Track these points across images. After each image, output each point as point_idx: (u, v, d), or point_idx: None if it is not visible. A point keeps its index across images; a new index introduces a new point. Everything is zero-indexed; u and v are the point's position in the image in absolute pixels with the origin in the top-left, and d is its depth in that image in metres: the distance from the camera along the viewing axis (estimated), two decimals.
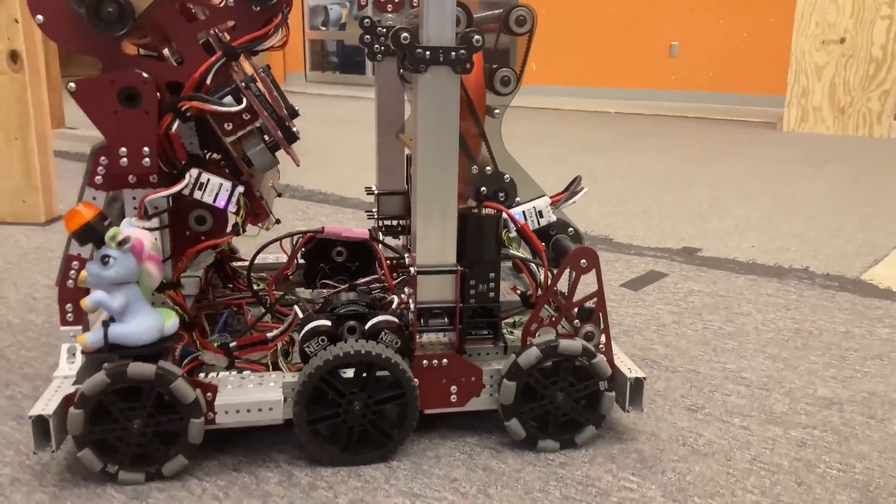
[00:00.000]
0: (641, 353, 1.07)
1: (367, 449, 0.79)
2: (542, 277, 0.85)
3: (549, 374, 0.80)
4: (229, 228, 0.83)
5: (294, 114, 1.07)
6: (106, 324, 0.72)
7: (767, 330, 1.16)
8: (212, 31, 0.78)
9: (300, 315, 0.84)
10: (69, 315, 0.81)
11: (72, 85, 0.73)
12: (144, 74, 0.74)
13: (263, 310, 0.96)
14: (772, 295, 1.32)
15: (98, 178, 0.78)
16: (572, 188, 0.91)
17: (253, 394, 0.77)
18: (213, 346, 0.86)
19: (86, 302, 0.71)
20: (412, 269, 0.79)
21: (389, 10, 1.14)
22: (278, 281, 1.04)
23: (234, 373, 0.82)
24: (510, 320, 0.92)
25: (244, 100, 0.76)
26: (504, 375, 0.80)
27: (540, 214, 0.86)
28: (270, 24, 0.78)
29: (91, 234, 0.71)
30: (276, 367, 0.85)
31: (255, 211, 0.82)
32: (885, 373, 1.02)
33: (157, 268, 0.74)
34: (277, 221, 0.86)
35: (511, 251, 0.85)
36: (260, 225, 0.84)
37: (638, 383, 0.82)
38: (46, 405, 0.73)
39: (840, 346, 1.11)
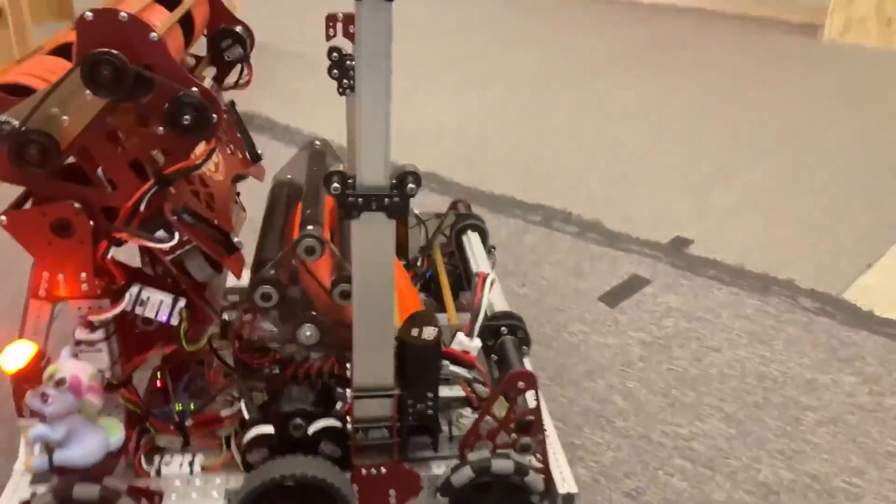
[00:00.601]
0: (598, 408, 1.09)
1: None
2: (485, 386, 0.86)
3: (482, 489, 0.83)
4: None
5: (256, 157, 1.05)
6: (50, 450, 0.76)
7: (733, 375, 1.17)
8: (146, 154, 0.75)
9: (245, 414, 0.86)
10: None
11: (2, 218, 0.73)
12: (76, 205, 0.73)
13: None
14: (749, 318, 1.31)
15: (41, 292, 0.79)
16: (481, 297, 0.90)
17: None
18: (169, 427, 0.89)
19: (27, 436, 0.75)
20: (348, 392, 0.80)
21: None
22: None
23: (184, 463, 0.86)
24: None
25: (176, 234, 0.75)
26: (438, 489, 0.83)
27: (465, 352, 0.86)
28: (205, 151, 0.75)
29: (29, 374, 0.73)
30: (228, 444, 0.89)
31: (200, 318, 0.83)
32: (833, 446, 1.03)
33: (98, 396, 0.77)
34: (222, 322, 0.87)
35: (452, 367, 0.85)
36: (205, 330, 0.85)
37: (569, 498, 0.84)
38: None
39: (799, 402, 1.11)
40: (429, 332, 0.81)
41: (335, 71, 1.07)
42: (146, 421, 0.88)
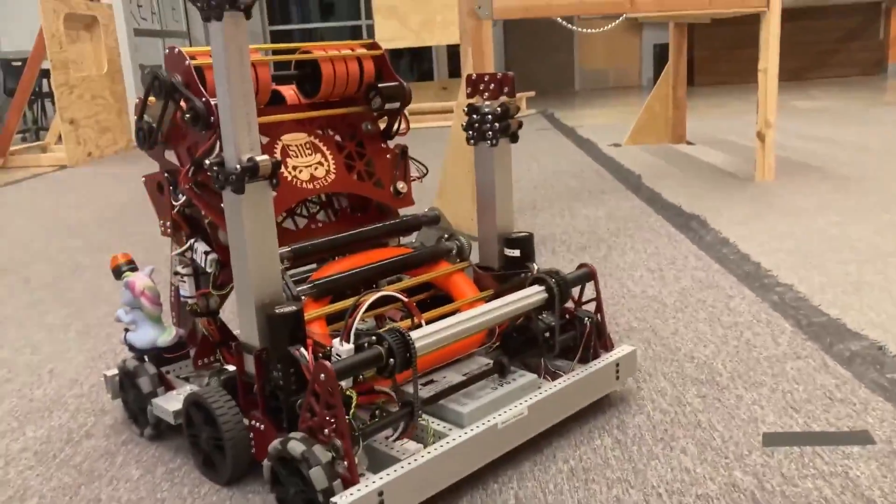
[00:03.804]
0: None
1: (213, 469, 1.02)
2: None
3: (287, 466, 0.87)
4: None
5: (397, 193, 1.26)
6: (126, 330, 1.15)
7: None
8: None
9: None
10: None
11: (143, 178, 1.16)
12: (166, 174, 1.12)
13: None
14: None
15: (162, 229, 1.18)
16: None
17: (168, 403, 1.08)
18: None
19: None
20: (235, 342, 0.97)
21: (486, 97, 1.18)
22: None
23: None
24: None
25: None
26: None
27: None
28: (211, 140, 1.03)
29: (116, 272, 1.14)
30: None
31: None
32: None
33: (150, 302, 1.12)
34: None
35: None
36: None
37: None
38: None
39: None
40: (284, 309, 0.91)
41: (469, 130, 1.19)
42: (219, 350, 1.18)
